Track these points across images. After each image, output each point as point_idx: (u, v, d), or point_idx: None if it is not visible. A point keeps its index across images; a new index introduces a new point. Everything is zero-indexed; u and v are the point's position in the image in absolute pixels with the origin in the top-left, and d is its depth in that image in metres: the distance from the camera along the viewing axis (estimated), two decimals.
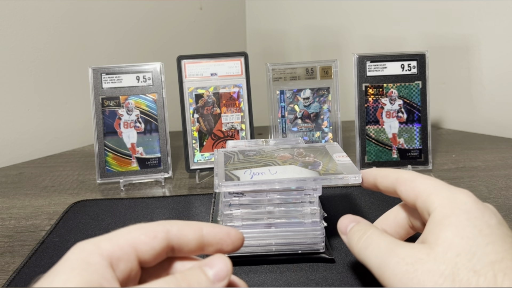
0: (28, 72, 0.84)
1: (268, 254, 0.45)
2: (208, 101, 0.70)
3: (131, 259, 0.28)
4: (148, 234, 0.29)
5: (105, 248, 0.27)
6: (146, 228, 0.29)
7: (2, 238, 0.54)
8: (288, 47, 1.24)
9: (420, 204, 0.34)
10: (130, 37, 1.02)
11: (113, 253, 0.27)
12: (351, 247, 0.37)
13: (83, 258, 0.26)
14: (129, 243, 0.28)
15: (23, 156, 0.85)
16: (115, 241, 0.28)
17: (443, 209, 0.32)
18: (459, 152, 0.79)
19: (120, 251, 0.27)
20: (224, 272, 0.28)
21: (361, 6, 1.08)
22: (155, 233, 0.29)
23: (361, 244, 0.35)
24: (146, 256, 0.28)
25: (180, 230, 0.30)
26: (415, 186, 0.35)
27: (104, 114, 0.68)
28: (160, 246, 0.29)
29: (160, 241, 0.29)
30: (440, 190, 0.34)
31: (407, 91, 0.69)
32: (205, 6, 1.18)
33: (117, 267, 0.27)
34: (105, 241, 0.28)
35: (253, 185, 0.42)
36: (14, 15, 0.81)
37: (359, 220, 0.38)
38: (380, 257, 0.32)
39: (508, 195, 0.60)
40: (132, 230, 0.29)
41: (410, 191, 0.36)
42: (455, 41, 0.94)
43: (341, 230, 0.39)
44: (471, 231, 0.30)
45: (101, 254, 0.27)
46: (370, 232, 0.35)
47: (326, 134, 0.72)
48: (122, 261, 0.27)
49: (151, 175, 0.69)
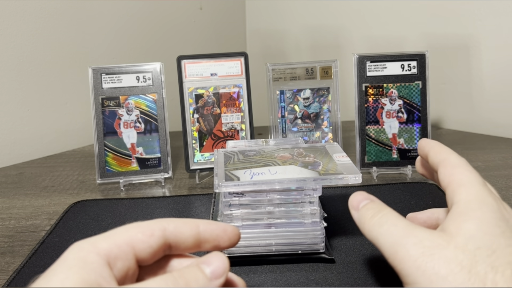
0: (28, 72, 0.84)
1: (268, 254, 0.45)
2: (208, 101, 0.70)
3: (128, 257, 0.28)
4: (145, 232, 0.29)
5: (102, 247, 0.27)
6: (143, 226, 0.29)
7: (2, 238, 0.54)
8: (288, 47, 1.24)
9: (450, 191, 0.33)
10: (130, 37, 1.02)
11: (111, 252, 0.27)
12: (362, 223, 0.35)
13: (80, 257, 0.26)
14: (127, 241, 0.28)
15: (23, 156, 0.85)
16: (112, 240, 0.28)
17: (469, 203, 0.31)
18: (459, 152, 0.77)
19: (118, 249, 0.27)
20: (221, 270, 0.28)
21: (361, 6, 1.08)
22: (152, 231, 0.29)
23: (375, 220, 0.33)
24: (144, 254, 0.28)
25: (177, 228, 0.30)
26: (453, 173, 0.34)
27: (104, 114, 0.68)
28: (157, 244, 0.29)
29: (157, 239, 0.29)
30: (474, 185, 0.33)
31: (407, 91, 0.69)
32: (205, 6, 1.18)
33: (115, 265, 0.27)
34: (103, 240, 0.28)
35: (253, 185, 0.42)
36: (14, 15, 0.81)
37: (373, 198, 0.36)
38: (395, 235, 0.31)
39: (508, 195, 0.60)
40: (129, 229, 0.29)
41: (447, 175, 0.35)
42: (455, 41, 0.94)
43: (353, 205, 0.36)
44: (494, 229, 0.29)
45: (98, 253, 0.27)
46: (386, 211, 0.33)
47: (326, 134, 0.72)
48: (120, 259, 0.27)
49: (151, 175, 0.69)
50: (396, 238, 0.31)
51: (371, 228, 0.33)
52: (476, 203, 0.31)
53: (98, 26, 0.95)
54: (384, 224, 0.32)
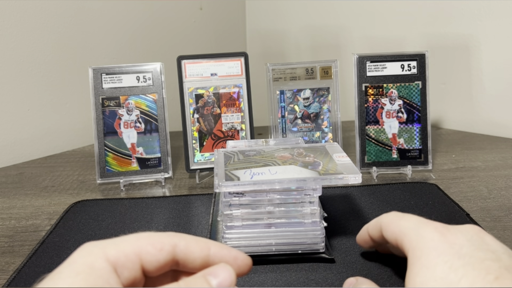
0: (28, 72, 0.84)
1: (268, 254, 0.45)
2: (208, 101, 0.70)
3: (135, 267, 0.27)
4: (155, 245, 0.28)
5: (111, 254, 0.27)
6: (154, 238, 0.29)
7: (2, 238, 0.54)
8: (288, 47, 1.24)
9: (401, 248, 0.35)
10: (130, 37, 1.02)
11: (118, 260, 0.27)
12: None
13: (88, 262, 0.26)
14: (135, 251, 0.28)
15: (23, 156, 0.85)
16: (122, 248, 0.28)
17: (414, 251, 0.32)
18: (459, 152, 0.79)
19: (125, 258, 0.27)
20: (227, 282, 0.28)
21: (361, 6, 1.08)
22: (162, 245, 0.28)
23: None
24: (150, 267, 0.28)
25: (187, 246, 0.29)
26: (393, 230, 0.36)
27: (104, 114, 0.68)
28: (165, 260, 0.28)
29: (166, 254, 0.28)
30: (409, 231, 0.34)
31: (407, 91, 0.69)
32: (205, 6, 1.18)
33: (122, 274, 0.27)
34: (112, 246, 0.27)
35: (253, 185, 0.42)
36: (14, 15, 0.81)
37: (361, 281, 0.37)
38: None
39: (508, 195, 0.60)
40: (140, 238, 0.29)
41: (391, 236, 0.36)
42: (455, 41, 0.94)
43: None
44: (442, 269, 0.30)
45: (107, 259, 0.26)
46: None
47: (326, 134, 0.72)
48: (127, 269, 0.27)
49: (151, 175, 0.69)
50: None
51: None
52: (419, 249, 0.32)
53: (98, 26, 0.95)
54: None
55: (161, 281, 0.30)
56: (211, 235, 0.49)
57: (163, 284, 0.29)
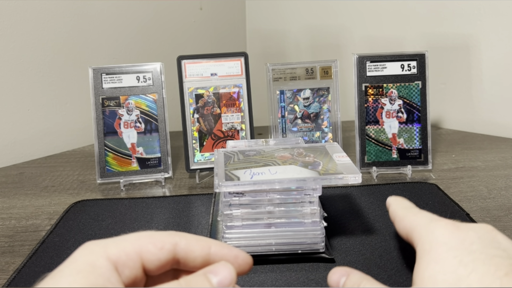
0: (28, 72, 0.84)
1: (268, 254, 0.45)
2: (208, 101, 0.70)
3: (136, 266, 0.28)
4: (156, 244, 0.28)
5: (112, 253, 0.27)
6: (155, 237, 0.29)
7: (2, 238, 0.54)
8: (288, 47, 1.24)
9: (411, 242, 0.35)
10: (130, 37, 1.02)
11: (119, 258, 0.27)
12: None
13: (89, 261, 0.26)
14: (136, 250, 0.28)
15: (23, 156, 0.85)
16: (122, 247, 0.28)
17: (423, 245, 0.32)
18: (459, 152, 0.79)
19: (126, 257, 0.27)
20: (228, 280, 0.28)
21: (361, 6, 1.08)
22: (163, 244, 0.28)
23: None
24: (151, 266, 0.28)
25: (188, 245, 0.29)
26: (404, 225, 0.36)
27: (104, 114, 0.69)
28: (166, 258, 0.29)
29: (167, 253, 0.28)
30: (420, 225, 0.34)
31: (407, 91, 0.69)
32: (205, 6, 1.18)
33: (123, 272, 0.27)
34: (113, 245, 0.28)
35: (253, 185, 0.42)
36: (14, 15, 0.81)
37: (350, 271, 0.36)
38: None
39: (508, 195, 0.60)
40: (141, 237, 0.29)
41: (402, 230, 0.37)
42: (455, 41, 0.94)
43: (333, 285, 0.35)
44: (451, 263, 0.30)
45: (108, 258, 0.27)
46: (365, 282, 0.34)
47: (326, 134, 0.72)
48: (127, 267, 0.27)
49: (151, 175, 0.69)
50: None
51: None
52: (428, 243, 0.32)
53: (98, 26, 0.95)
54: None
55: (162, 280, 0.30)
56: (211, 235, 0.49)
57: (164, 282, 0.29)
